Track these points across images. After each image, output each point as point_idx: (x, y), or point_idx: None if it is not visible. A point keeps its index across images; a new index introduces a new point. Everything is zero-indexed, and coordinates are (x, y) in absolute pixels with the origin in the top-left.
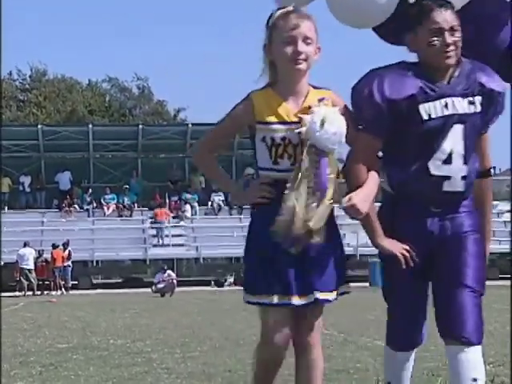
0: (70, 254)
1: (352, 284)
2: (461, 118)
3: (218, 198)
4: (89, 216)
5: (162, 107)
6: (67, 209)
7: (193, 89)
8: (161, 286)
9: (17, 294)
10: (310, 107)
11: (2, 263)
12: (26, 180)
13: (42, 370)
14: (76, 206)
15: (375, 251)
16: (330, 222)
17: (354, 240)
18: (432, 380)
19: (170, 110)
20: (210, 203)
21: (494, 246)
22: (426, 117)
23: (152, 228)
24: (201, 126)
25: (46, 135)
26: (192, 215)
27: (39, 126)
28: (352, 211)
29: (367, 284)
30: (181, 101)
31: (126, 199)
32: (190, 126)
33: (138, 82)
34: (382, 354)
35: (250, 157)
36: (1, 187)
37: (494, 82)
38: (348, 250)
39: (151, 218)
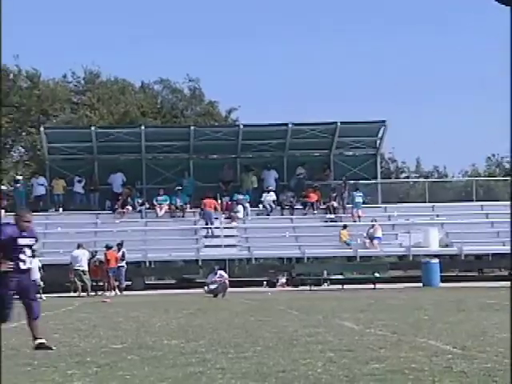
0: (123, 254)
1: (405, 284)
2: None
3: (269, 199)
4: (141, 217)
5: (213, 108)
6: (120, 210)
7: (244, 89)
8: (213, 286)
9: (71, 294)
10: None
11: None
12: (80, 182)
13: (98, 370)
14: (129, 207)
15: (428, 251)
16: None
17: (407, 240)
18: (488, 381)
19: (222, 110)
20: (261, 204)
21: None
22: None
23: (203, 228)
24: (252, 127)
25: (99, 137)
26: (244, 216)
27: (92, 128)
28: None
29: (420, 284)
30: (232, 101)
31: (178, 200)
32: (241, 126)
33: (190, 84)
34: (437, 354)
35: (300, 156)
36: (55, 189)
37: None
38: (400, 251)
39: (201, 213)
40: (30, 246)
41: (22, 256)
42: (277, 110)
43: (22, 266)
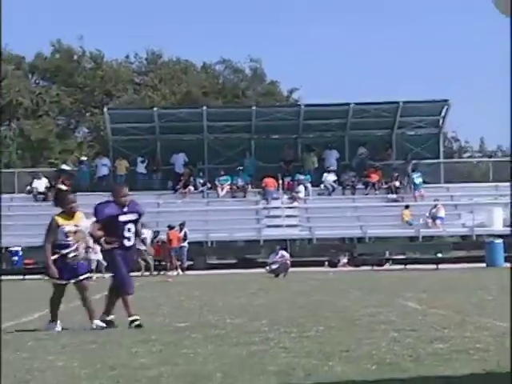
0: (185, 234)
1: (468, 264)
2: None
3: (330, 179)
4: (203, 197)
5: (274, 88)
6: (182, 190)
7: (306, 69)
8: (275, 266)
9: (135, 274)
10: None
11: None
12: (143, 162)
13: (162, 348)
14: (191, 187)
15: (492, 231)
16: None
17: (470, 220)
18: None
19: (283, 90)
20: (322, 184)
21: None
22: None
23: (265, 209)
24: (314, 107)
25: (161, 118)
26: (305, 196)
27: (155, 109)
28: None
29: (484, 264)
30: (294, 81)
31: (239, 180)
32: (302, 106)
33: (251, 64)
34: (502, 334)
35: (362, 136)
36: (117, 169)
37: None
38: (463, 231)
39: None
40: (133, 222)
41: (125, 233)
42: (338, 89)
43: (127, 243)
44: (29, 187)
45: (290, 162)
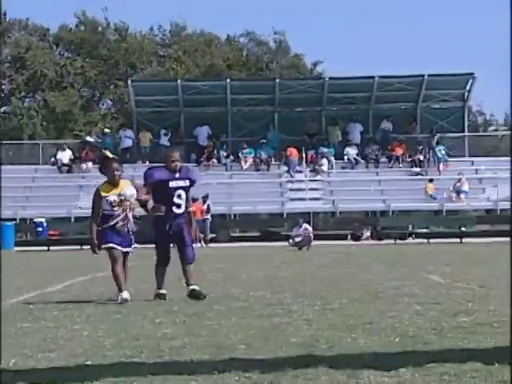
0: (208, 207)
1: (492, 238)
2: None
3: (352, 151)
4: (226, 170)
5: (298, 61)
6: (205, 163)
7: (330, 42)
8: (298, 239)
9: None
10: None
11: None
12: (166, 135)
13: (186, 319)
14: (214, 160)
15: None
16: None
17: (494, 194)
18: None
19: (307, 63)
20: (346, 157)
21: None
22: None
23: (289, 182)
24: (338, 80)
25: (185, 90)
26: (328, 169)
27: (179, 81)
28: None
29: (508, 239)
30: (318, 54)
31: (263, 153)
32: (326, 79)
33: (275, 36)
34: None
35: (386, 109)
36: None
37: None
38: (488, 205)
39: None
40: (184, 189)
41: (175, 199)
42: (363, 62)
43: (176, 210)
44: (53, 159)
45: (313, 135)
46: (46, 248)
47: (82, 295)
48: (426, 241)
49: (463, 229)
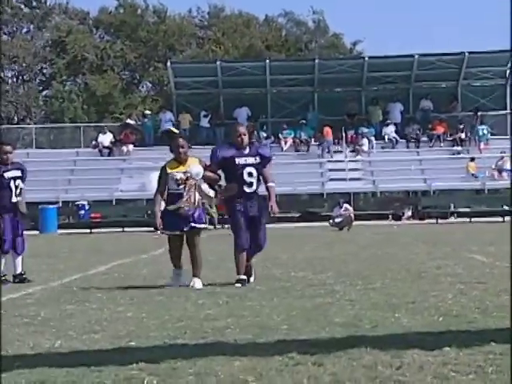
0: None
1: None
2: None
3: (391, 131)
4: None
5: (338, 40)
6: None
7: (369, 21)
8: (339, 220)
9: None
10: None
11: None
12: (206, 116)
13: (228, 300)
14: (254, 141)
15: None
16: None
17: None
18: None
19: (347, 42)
20: (386, 136)
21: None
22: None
23: (329, 162)
24: (377, 59)
25: (224, 71)
26: (369, 149)
27: (218, 63)
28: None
29: None
30: (357, 33)
31: (302, 134)
32: (366, 58)
33: (314, 16)
34: None
35: (426, 88)
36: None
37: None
38: None
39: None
40: (254, 166)
41: (246, 178)
42: (402, 41)
43: (247, 189)
44: (94, 142)
45: (353, 116)
46: (88, 230)
47: (125, 277)
48: (467, 220)
49: (505, 207)
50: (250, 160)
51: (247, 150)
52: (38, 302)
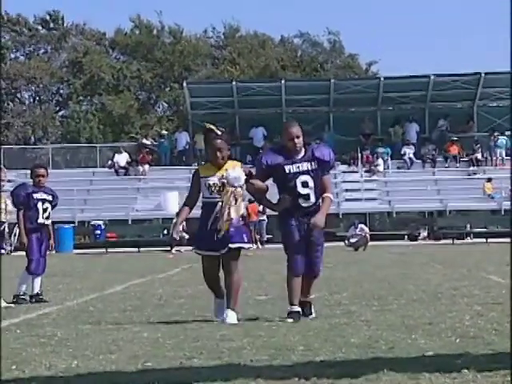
0: (264, 208)
1: None
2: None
3: (409, 151)
4: None
5: (353, 61)
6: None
7: (385, 41)
8: (354, 240)
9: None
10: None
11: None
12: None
13: (244, 320)
14: None
15: None
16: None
17: None
18: None
19: (362, 63)
20: (405, 156)
21: None
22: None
23: (344, 182)
24: (393, 79)
25: (240, 91)
26: (384, 169)
27: (233, 83)
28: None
29: None
30: (373, 54)
31: None
32: (382, 79)
33: (330, 36)
34: None
35: (442, 108)
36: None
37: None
38: None
39: (343, 171)
40: (310, 173)
41: (300, 189)
42: (418, 62)
43: (303, 203)
44: (110, 162)
45: (368, 135)
46: (104, 250)
47: (141, 297)
48: (484, 240)
49: None
50: (305, 166)
51: (300, 155)
52: (54, 322)
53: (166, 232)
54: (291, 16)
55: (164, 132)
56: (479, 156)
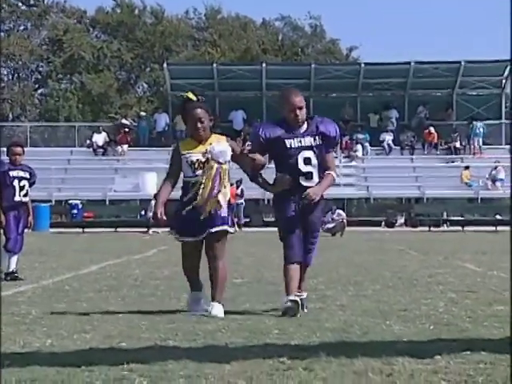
0: (242, 192)
1: None
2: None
3: (388, 138)
4: None
5: (334, 46)
6: (241, 147)
7: (366, 27)
8: (331, 225)
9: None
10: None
11: None
12: None
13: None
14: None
15: None
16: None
17: None
18: None
19: (343, 48)
20: (385, 143)
21: None
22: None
23: None
24: (374, 66)
25: (220, 74)
26: (363, 155)
27: (214, 65)
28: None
29: None
30: (353, 39)
31: None
32: (362, 65)
33: (311, 21)
34: None
35: (422, 96)
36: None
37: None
38: None
39: None
40: (313, 149)
41: (301, 166)
42: (399, 48)
43: (304, 183)
44: (88, 141)
45: (348, 121)
46: (80, 230)
47: (117, 277)
48: (460, 228)
49: (498, 217)
50: (308, 141)
51: (303, 128)
52: (29, 301)
53: (143, 213)
54: None
55: (143, 113)
56: (457, 144)
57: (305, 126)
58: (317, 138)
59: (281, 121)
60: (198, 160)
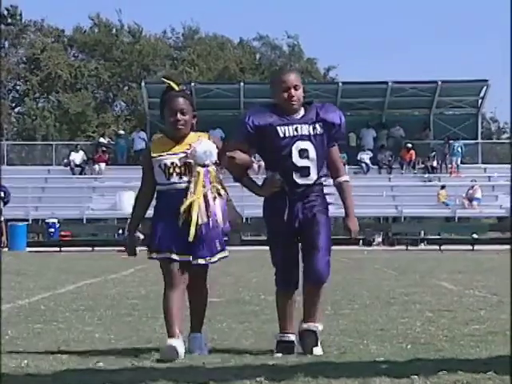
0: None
1: (504, 246)
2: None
3: (366, 157)
4: None
5: (312, 65)
6: (219, 167)
7: (343, 47)
8: None
9: None
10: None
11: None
12: None
13: None
14: None
15: None
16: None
17: (507, 202)
18: None
19: (320, 68)
20: (359, 162)
21: None
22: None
23: None
24: (351, 85)
25: (198, 93)
26: None
27: (192, 84)
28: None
29: None
30: (331, 59)
31: None
32: (340, 84)
33: (289, 40)
34: None
35: (399, 115)
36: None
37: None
38: (500, 212)
39: None
40: (311, 139)
41: (295, 159)
42: (376, 68)
43: (300, 180)
44: (66, 160)
45: None
46: (57, 249)
47: (93, 297)
48: (437, 247)
49: (475, 236)
50: (305, 129)
51: (300, 114)
52: (5, 321)
53: (120, 232)
54: (250, 19)
55: (121, 132)
56: (434, 163)
57: (302, 111)
58: (317, 126)
59: (273, 106)
60: (173, 164)
